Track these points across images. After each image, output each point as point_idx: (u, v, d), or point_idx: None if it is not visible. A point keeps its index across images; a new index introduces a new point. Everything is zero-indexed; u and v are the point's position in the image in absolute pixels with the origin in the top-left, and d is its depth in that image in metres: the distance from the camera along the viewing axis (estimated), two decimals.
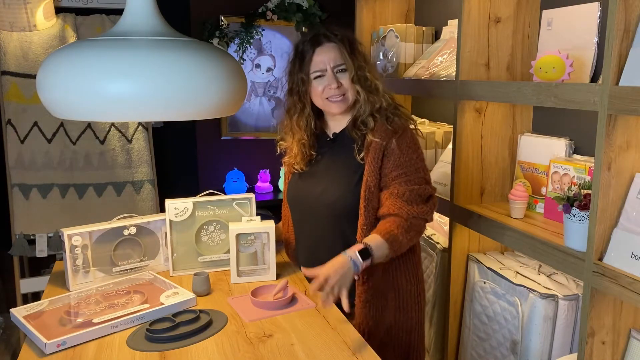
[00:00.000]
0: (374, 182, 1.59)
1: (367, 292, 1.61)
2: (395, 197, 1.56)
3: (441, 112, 2.61)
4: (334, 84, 1.60)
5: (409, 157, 1.59)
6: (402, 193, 1.56)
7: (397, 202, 1.55)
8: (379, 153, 1.58)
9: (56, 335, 1.35)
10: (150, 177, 3.04)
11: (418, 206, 1.56)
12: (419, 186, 1.58)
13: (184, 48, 1.36)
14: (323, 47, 1.62)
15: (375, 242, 1.49)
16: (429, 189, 1.61)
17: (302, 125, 1.69)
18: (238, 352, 1.33)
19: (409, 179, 1.58)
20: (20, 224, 2.86)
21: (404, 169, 1.58)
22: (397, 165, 1.58)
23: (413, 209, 1.55)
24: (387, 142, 1.58)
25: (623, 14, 1.31)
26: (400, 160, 1.58)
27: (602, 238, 1.41)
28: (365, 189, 1.59)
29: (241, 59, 3.26)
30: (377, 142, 1.58)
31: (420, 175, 1.60)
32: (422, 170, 1.62)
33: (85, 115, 1.37)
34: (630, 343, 1.48)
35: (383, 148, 1.58)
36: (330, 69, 1.61)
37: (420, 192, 1.58)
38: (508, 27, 1.99)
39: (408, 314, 1.68)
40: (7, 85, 2.81)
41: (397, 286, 1.65)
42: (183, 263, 1.82)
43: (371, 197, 1.58)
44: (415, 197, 1.56)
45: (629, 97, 1.29)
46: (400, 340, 1.68)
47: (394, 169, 1.58)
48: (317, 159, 1.73)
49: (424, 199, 1.59)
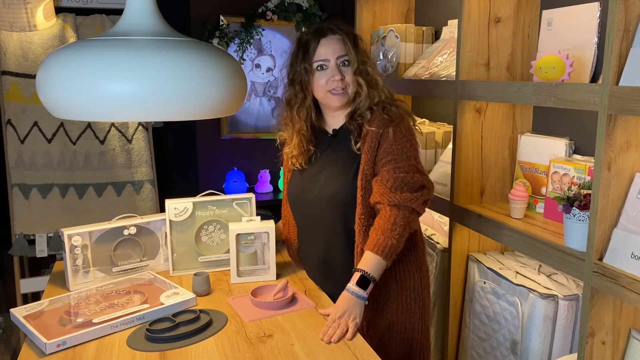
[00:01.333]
0: (370, 171, 1.59)
1: None
2: (380, 184, 1.55)
3: (441, 112, 2.61)
4: (337, 76, 1.60)
5: (401, 145, 1.57)
6: (387, 180, 1.55)
7: (381, 188, 1.55)
8: (375, 142, 1.58)
9: (56, 335, 1.35)
10: (150, 177, 3.04)
11: (403, 194, 1.53)
12: (407, 174, 1.55)
13: (184, 48, 1.36)
14: (328, 39, 1.62)
15: (369, 262, 1.50)
16: (420, 178, 1.57)
17: (302, 116, 1.69)
18: (238, 352, 1.33)
19: (397, 165, 1.56)
20: (20, 224, 2.86)
21: (394, 155, 1.56)
22: (387, 152, 1.57)
23: (396, 196, 1.53)
24: (383, 130, 1.58)
25: (623, 14, 1.31)
26: (392, 147, 1.57)
27: (602, 238, 1.41)
28: (362, 178, 1.59)
29: (241, 59, 3.26)
30: (374, 131, 1.58)
31: (410, 163, 1.57)
32: (413, 159, 1.59)
33: (85, 115, 1.37)
34: (630, 343, 1.48)
35: (379, 136, 1.58)
36: (334, 60, 1.61)
37: (407, 180, 1.55)
38: (508, 27, 1.99)
39: (411, 310, 1.67)
40: (7, 85, 2.81)
41: (400, 282, 1.65)
42: (183, 263, 1.82)
43: (368, 185, 1.59)
44: (400, 184, 1.54)
45: (629, 97, 1.29)
46: (402, 336, 1.67)
47: (384, 155, 1.57)
48: (316, 156, 1.73)
49: (412, 187, 1.55)
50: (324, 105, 1.70)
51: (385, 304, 1.64)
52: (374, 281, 1.50)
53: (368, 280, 1.49)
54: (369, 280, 1.49)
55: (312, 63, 1.62)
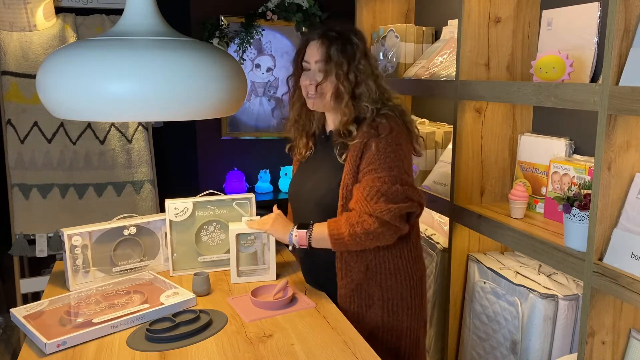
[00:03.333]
0: (351, 181, 1.58)
1: (346, 286, 1.61)
2: (357, 191, 1.55)
3: (441, 112, 2.61)
4: (307, 81, 1.62)
5: (384, 156, 1.54)
6: (363, 188, 1.53)
7: (357, 195, 1.55)
8: (358, 152, 1.57)
9: (56, 335, 1.35)
10: (150, 177, 3.04)
11: (376, 204, 1.50)
12: (384, 184, 1.51)
13: (184, 48, 1.36)
14: (315, 42, 1.61)
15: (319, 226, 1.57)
16: (401, 189, 1.52)
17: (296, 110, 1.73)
18: (238, 352, 1.33)
19: (377, 175, 1.52)
20: (20, 224, 2.86)
21: (375, 165, 1.54)
22: (369, 162, 1.55)
23: (368, 205, 1.50)
24: (366, 140, 1.56)
25: (623, 14, 1.31)
26: (374, 157, 1.54)
27: (602, 238, 1.41)
28: (343, 187, 1.59)
29: (241, 59, 3.26)
30: (357, 142, 1.58)
31: (392, 173, 1.53)
32: (396, 169, 1.54)
33: (85, 115, 1.37)
34: (630, 343, 1.48)
35: (362, 146, 1.57)
36: (313, 63, 1.61)
37: (384, 190, 1.51)
38: (508, 27, 1.99)
39: (397, 317, 1.65)
40: (7, 85, 2.81)
41: (383, 285, 1.63)
42: (183, 263, 1.82)
43: (349, 195, 1.58)
44: (375, 193, 1.51)
45: (629, 97, 1.29)
46: (389, 344, 1.65)
47: (366, 165, 1.56)
48: (313, 154, 1.75)
49: (390, 198, 1.51)
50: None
51: (368, 308, 1.63)
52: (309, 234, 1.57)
53: (307, 226, 1.58)
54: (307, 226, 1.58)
55: (300, 63, 1.65)
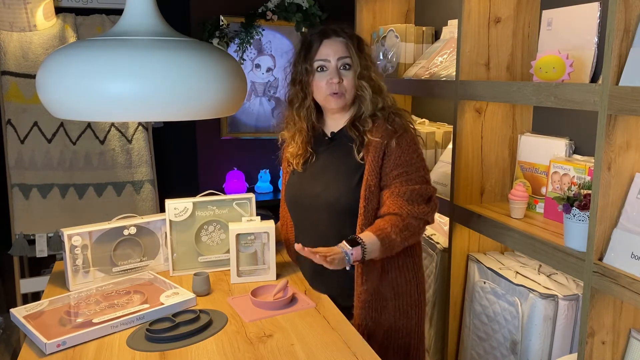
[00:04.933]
0: (374, 182, 1.58)
1: (365, 292, 1.61)
2: (397, 197, 1.56)
3: (441, 112, 2.61)
4: (335, 78, 1.60)
5: (409, 157, 1.59)
6: (403, 192, 1.56)
7: (398, 201, 1.55)
8: (379, 152, 1.58)
9: (56, 335, 1.35)
10: (150, 177, 3.04)
11: (419, 206, 1.57)
12: (420, 186, 1.58)
13: (184, 48, 1.36)
14: (330, 40, 1.61)
15: (368, 238, 1.50)
16: (430, 189, 1.61)
17: (302, 116, 1.69)
18: (238, 352, 1.33)
19: (409, 177, 1.58)
20: (20, 224, 2.86)
21: (405, 168, 1.58)
22: (397, 164, 1.58)
23: (414, 208, 1.55)
24: (387, 141, 1.58)
25: (623, 14, 1.31)
26: (401, 159, 1.58)
27: (602, 238, 1.41)
28: (366, 189, 1.58)
29: (241, 59, 3.26)
30: (377, 142, 1.58)
31: (420, 174, 1.60)
32: (423, 170, 1.62)
33: (85, 115, 1.37)
34: (630, 343, 1.48)
35: (383, 147, 1.58)
36: (334, 61, 1.60)
37: (421, 192, 1.58)
38: (508, 27, 1.99)
39: (408, 315, 1.68)
40: (7, 85, 2.81)
41: (396, 288, 1.65)
42: (183, 263, 1.82)
43: (371, 196, 1.58)
44: (416, 196, 1.57)
45: (629, 97, 1.29)
46: (399, 342, 1.68)
47: (394, 168, 1.58)
48: (315, 158, 1.72)
49: (425, 199, 1.59)
50: (324, 107, 1.70)
51: (383, 310, 1.64)
52: (363, 251, 1.48)
53: (357, 243, 1.48)
54: (358, 243, 1.48)
55: (313, 63, 1.62)
